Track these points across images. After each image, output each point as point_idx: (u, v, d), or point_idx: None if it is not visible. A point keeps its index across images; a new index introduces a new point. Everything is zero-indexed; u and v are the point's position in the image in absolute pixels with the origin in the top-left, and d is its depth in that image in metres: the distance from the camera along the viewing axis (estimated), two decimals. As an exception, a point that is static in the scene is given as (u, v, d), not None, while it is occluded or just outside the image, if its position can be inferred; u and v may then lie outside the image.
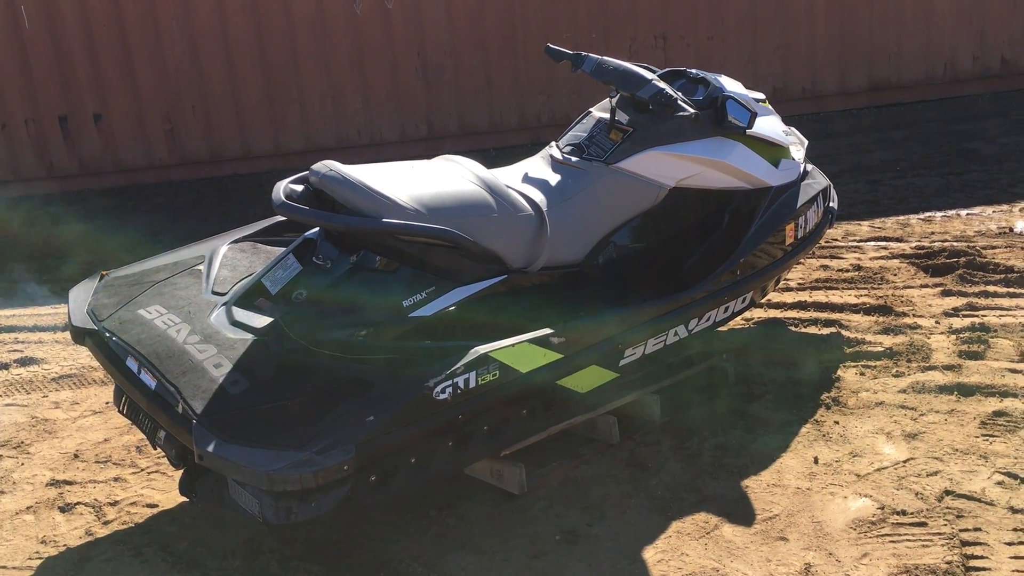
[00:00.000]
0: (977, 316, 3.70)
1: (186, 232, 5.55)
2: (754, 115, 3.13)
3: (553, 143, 3.25)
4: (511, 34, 7.50)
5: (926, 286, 4.10)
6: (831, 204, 3.69)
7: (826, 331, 3.69)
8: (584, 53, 3.27)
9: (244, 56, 7.31)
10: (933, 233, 4.87)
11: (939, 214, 5.21)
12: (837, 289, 4.16)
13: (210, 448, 2.15)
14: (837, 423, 2.97)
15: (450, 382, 2.39)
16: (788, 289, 4.18)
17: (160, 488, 2.89)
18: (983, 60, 8.22)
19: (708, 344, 3.33)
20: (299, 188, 2.62)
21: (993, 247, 4.52)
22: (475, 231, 2.65)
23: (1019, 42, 8.21)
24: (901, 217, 5.22)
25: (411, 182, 2.67)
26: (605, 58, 3.21)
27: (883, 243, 4.79)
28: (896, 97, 8.11)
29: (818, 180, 3.65)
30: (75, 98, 7.29)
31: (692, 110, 2.97)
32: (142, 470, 3.01)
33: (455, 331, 2.63)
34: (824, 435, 2.91)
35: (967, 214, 5.18)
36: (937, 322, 3.69)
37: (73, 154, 7.41)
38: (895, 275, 4.28)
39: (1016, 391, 3.06)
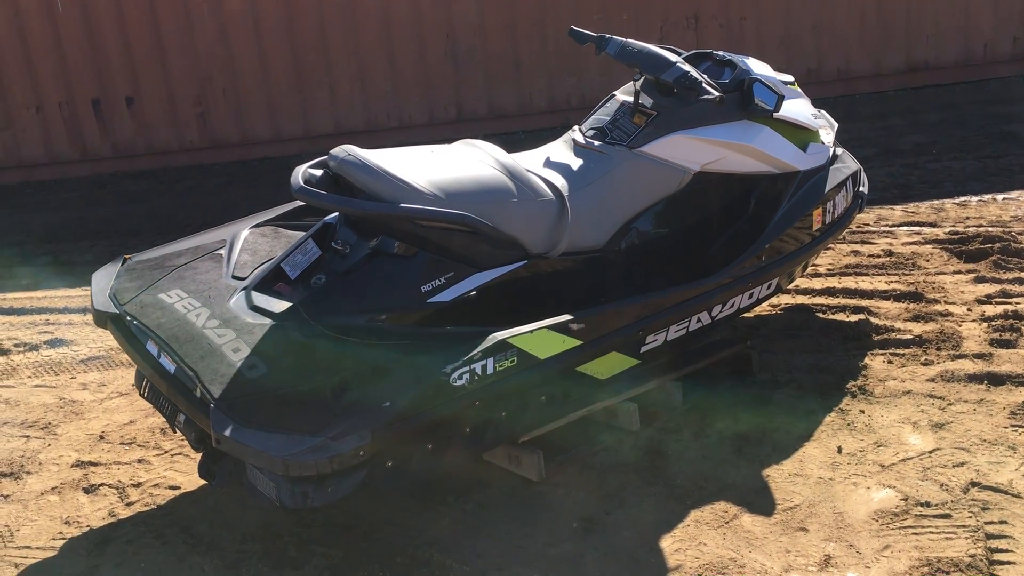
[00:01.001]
0: (1010, 304, 3.62)
1: (216, 215, 5.59)
2: (781, 98, 3.07)
3: (576, 127, 3.22)
4: (540, 16, 7.44)
5: (959, 272, 4.02)
6: (861, 188, 3.62)
7: (854, 318, 3.63)
8: (608, 35, 3.22)
9: (274, 40, 7.33)
10: (968, 218, 4.77)
11: (975, 198, 5.10)
12: (867, 275, 4.09)
13: (227, 432, 2.16)
14: (863, 412, 2.93)
15: (467, 368, 2.38)
16: (817, 275, 4.11)
17: (183, 470, 2.92)
18: (1023, 41, 8.01)
19: (733, 330, 3.29)
20: (318, 173, 2.62)
21: (1029, 233, 4.41)
22: (494, 216, 2.63)
23: (1062, 22, 7.99)
24: (935, 201, 5.11)
25: (430, 167, 2.65)
26: (629, 40, 3.16)
27: (916, 228, 4.70)
28: (933, 79, 7.93)
29: (848, 164, 3.58)
30: (107, 81, 7.36)
31: (717, 93, 2.92)
32: (166, 452, 3.04)
33: (474, 317, 2.62)
34: (849, 424, 2.87)
35: (1003, 199, 5.06)
36: (969, 309, 3.61)
37: (106, 137, 7.50)
38: (927, 261, 4.20)
39: (1048, 381, 3.00)
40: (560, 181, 2.90)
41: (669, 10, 7.55)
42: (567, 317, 2.61)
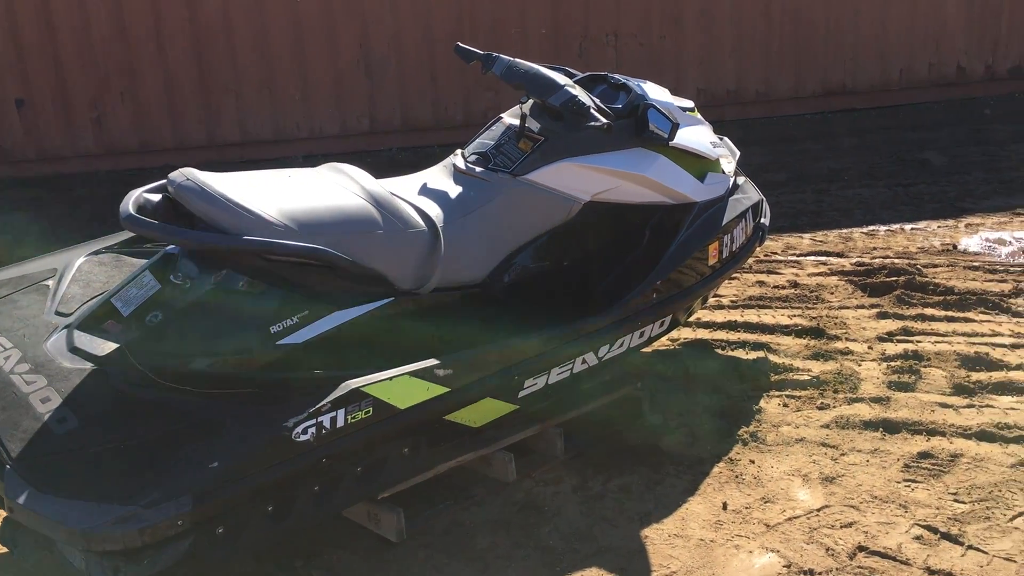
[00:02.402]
0: (911, 342, 3.51)
1: (110, 226, 5.22)
2: (676, 125, 2.90)
3: (458, 151, 3.00)
4: (458, 27, 7.23)
5: (862, 307, 3.91)
6: (762, 220, 3.48)
7: (753, 355, 3.47)
8: (495, 54, 3.03)
9: (176, 41, 6.99)
10: (875, 249, 4.69)
11: (883, 228, 5.03)
12: (770, 308, 3.95)
13: (21, 499, 1.88)
14: (752, 462, 2.76)
15: (313, 421, 2.14)
16: (719, 307, 3.96)
17: (4, 526, 2.60)
18: (939, 68, 8.08)
19: (623, 370, 3.10)
20: (155, 198, 2.35)
21: (935, 265, 4.34)
22: (355, 249, 2.39)
23: (975, 50, 8.09)
24: (844, 230, 5.03)
25: (283, 194, 2.41)
26: (517, 60, 2.97)
27: (823, 258, 4.59)
28: (850, 103, 7.94)
29: (749, 194, 3.43)
30: (-6, 82, 6.93)
31: (604, 121, 2.72)
32: (-11, 503, 2.72)
33: (331, 361, 2.37)
34: (737, 476, 2.70)
35: (911, 229, 5.00)
36: (870, 347, 3.49)
37: (-8, 141, 7.05)
38: (832, 293, 4.08)
39: (944, 429, 2.87)
40: (435, 210, 2.67)
41: (588, 26, 7.41)
42: (432, 362, 2.39)
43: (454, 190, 2.79)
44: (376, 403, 2.25)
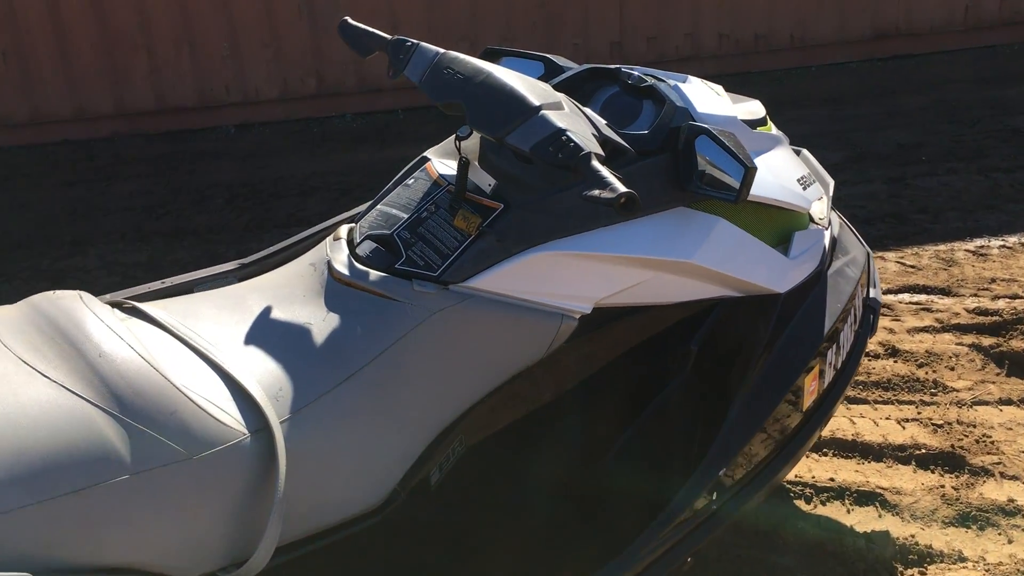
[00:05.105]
0: (1111, 484, 2.18)
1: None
2: (751, 171, 1.49)
3: (343, 228, 1.60)
4: (421, -39, 5.78)
5: (1008, 402, 2.56)
6: (871, 292, 2.10)
7: (859, 519, 2.13)
8: (411, 41, 1.61)
9: (69, -13, 5.60)
10: (994, 280, 3.32)
11: (995, 242, 3.65)
12: (868, 403, 2.60)
13: None
14: None
15: None
16: (788, 401, 2.61)
17: None
18: (1011, 2, 6.60)
19: None
20: None
21: (1093, 315, 2.98)
22: (50, 531, 1.04)
23: (1058, -20, 6.60)
24: (941, 246, 3.65)
25: None
26: (451, 53, 1.56)
27: (923, 298, 3.23)
28: (906, 47, 6.49)
29: (852, 255, 2.06)
30: None
31: (621, 189, 1.32)
32: None
33: None
34: None
35: (1035, 243, 3.63)
36: (1045, 496, 2.16)
37: None
38: (953, 370, 2.73)
39: None
40: (275, 378, 1.30)
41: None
42: None
43: (322, 324, 1.40)
44: None
